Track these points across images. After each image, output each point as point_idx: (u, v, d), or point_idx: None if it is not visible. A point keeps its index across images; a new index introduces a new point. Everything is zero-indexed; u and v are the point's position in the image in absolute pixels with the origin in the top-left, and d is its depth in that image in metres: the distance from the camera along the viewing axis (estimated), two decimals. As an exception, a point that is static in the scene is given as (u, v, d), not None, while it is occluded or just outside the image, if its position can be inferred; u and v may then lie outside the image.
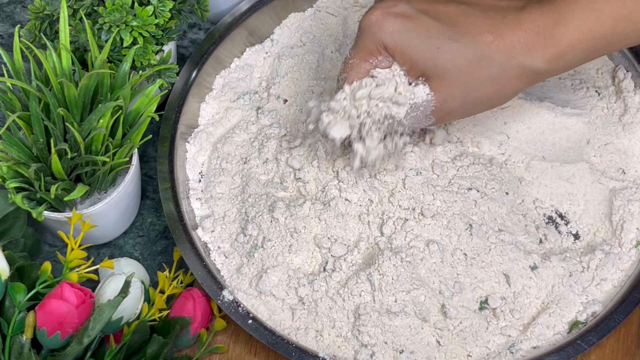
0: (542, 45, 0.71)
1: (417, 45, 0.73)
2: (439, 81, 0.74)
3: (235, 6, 0.94)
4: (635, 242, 0.81)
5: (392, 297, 0.76)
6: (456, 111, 0.76)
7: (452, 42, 0.72)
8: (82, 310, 0.70)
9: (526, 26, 0.71)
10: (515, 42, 0.71)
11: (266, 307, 0.79)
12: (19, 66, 0.78)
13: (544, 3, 0.72)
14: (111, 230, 0.86)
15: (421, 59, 0.74)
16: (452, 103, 0.75)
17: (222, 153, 0.87)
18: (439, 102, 0.75)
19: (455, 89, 0.74)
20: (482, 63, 0.72)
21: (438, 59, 0.73)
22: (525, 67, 0.72)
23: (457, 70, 0.73)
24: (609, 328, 0.76)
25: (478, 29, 0.72)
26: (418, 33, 0.73)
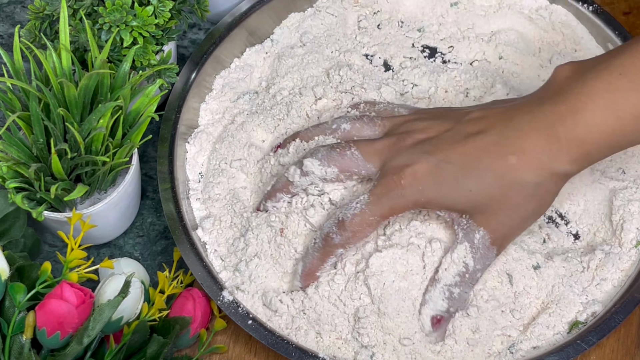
0: (566, 149, 0.71)
1: (449, 195, 0.74)
2: (483, 215, 0.74)
3: (235, 6, 0.94)
4: (635, 242, 0.81)
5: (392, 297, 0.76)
6: (510, 234, 0.76)
7: (480, 181, 0.73)
8: (82, 310, 0.70)
9: (546, 133, 0.71)
10: (540, 154, 0.72)
11: (267, 309, 0.79)
12: (19, 66, 0.78)
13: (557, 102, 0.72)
14: (111, 230, 0.86)
15: (458, 205, 0.74)
16: (504, 229, 0.75)
17: (221, 154, 0.87)
18: (490, 232, 0.75)
19: (500, 218, 0.74)
20: (515, 187, 0.72)
21: (475, 200, 0.73)
22: (557, 173, 0.72)
23: (496, 203, 0.73)
24: (609, 328, 0.76)
25: (500, 156, 0.72)
26: (448, 184, 0.73)
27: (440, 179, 0.73)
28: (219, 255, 0.82)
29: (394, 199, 0.74)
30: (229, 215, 0.83)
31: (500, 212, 0.74)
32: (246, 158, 0.86)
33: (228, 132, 0.88)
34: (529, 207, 0.74)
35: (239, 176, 0.86)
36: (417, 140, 0.76)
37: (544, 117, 0.72)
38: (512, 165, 0.72)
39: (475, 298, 0.78)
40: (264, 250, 0.80)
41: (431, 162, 0.74)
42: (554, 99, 0.73)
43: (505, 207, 0.74)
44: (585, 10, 0.93)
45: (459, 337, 0.76)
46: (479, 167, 0.73)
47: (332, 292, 0.77)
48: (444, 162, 0.74)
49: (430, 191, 0.74)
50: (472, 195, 0.73)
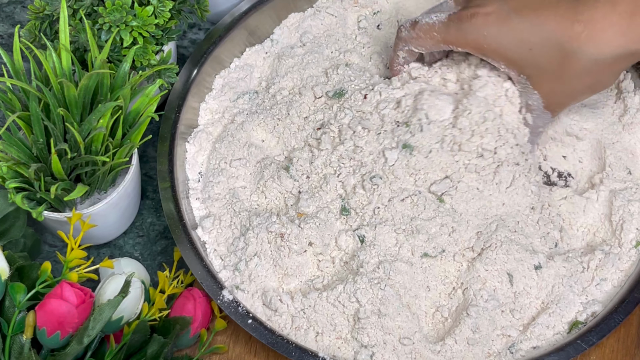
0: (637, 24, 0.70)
1: (510, 48, 0.75)
2: (538, 79, 0.75)
3: (235, 6, 0.94)
4: (635, 242, 0.81)
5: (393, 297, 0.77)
6: (563, 102, 0.77)
7: (542, 42, 0.73)
8: (82, 310, 0.70)
9: (620, 8, 0.70)
10: (607, 27, 0.70)
11: (267, 308, 0.79)
12: (19, 66, 0.78)
13: None
14: (111, 230, 0.86)
15: (518, 60, 0.75)
16: (557, 96, 0.76)
17: (220, 153, 0.87)
18: (544, 97, 0.76)
19: (554, 84, 0.75)
20: (573, 57, 0.72)
21: (533, 60, 0.74)
22: (620, 52, 0.71)
23: (552, 68, 0.74)
24: (609, 328, 0.76)
25: (568, 21, 0.72)
26: (511, 36, 0.74)
27: (506, 29, 0.74)
28: (219, 254, 0.82)
29: (461, 30, 0.76)
30: (228, 214, 0.83)
31: (555, 79, 0.74)
32: (246, 157, 0.86)
33: (228, 132, 0.88)
34: (585, 81, 0.74)
35: (238, 175, 0.86)
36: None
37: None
38: (576, 33, 0.71)
39: (475, 298, 0.78)
40: (263, 249, 0.80)
41: (504, 10, 0.74)
42: None
43: (561, 76, 0.74)
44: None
45: (459, 337, 0.76)
46: (545, 27, 0.73)
47: (330, 294, 0.77)
48: (515, 13, 0.74)
49: (494, 39, 0.75)
50: (531, 54, 0.74)
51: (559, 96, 0.77)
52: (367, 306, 0.76)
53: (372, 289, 0.77)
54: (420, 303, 0.78)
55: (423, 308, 0.79)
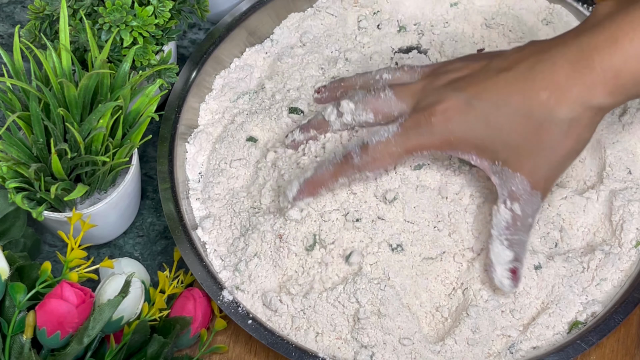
0: (602, 81, 0.68)
1: (480, 134, 0.72)
2: (517, 159, 0.72)
3: (235, 6, 0.94)
4: (635, 242, 0.81)
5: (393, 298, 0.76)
6: (550, 176, 0.73)
7: (511, 118, 0.70)
8: (82, 310, 0.70)
9: (580, 65, 0.68)
10: (573, 87, 0.68)
11: (267, 308, 0.79)
12: (19, 66, 0.78)
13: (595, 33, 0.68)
14: (111, 230, 0.86)
15: (489, 145, 0.72)
16: (542, 172, 0.72)
17: (220, 154, 0.87)
18: (528, 176, 0.72)
19: (537, 160, 0.71)
20: (548, 125, 0.69)
21: (506, 141, 0.71)
22: (592, 107, 0.69)
23: (529, 143, 0.70)
24: (609, 328, 0.76)
25: (531, 91, 0.69)
26: (478, 122, 0.71)
27: (470, 117, 0.71)
28: (219, 255, 0.82)
29: (422, 135, 0.73)
30: (228, 215, 0.83)
31: (535, 153, 0.71)
32: (246, 158, 0.86)
33: (228, 132, 0.88)
34: (566, 145, 0.70)
35: (238, 176, 0.86)
36: (450, 80, 0.74)
37: (580, 49, 0.68)
38: (543, 101, 0.69)
39: (475, 298, 0.78)
40: (263, 250, 0.80)
41: (461, 99, 0.71)
42: (592, 31, 0.68)
43: (540, 148, 0.70)
44: (585, 10, 0.93)
45: (458, 337, 0.76)
46: (510, 104, 0.70)
47: (330, 294, 0.77)
48: (475, 99, 0.71)
49: (460, 130, 0.72)
50: (503, 134, 0.71)
51: (544, 170, 0.72)
52: (367, 306, 0.76)
53: (372, 289, 0.77)
54: (420, 303, 0.78)
55: (423, 308, 0.79)
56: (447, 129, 0.72)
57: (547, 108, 0.69)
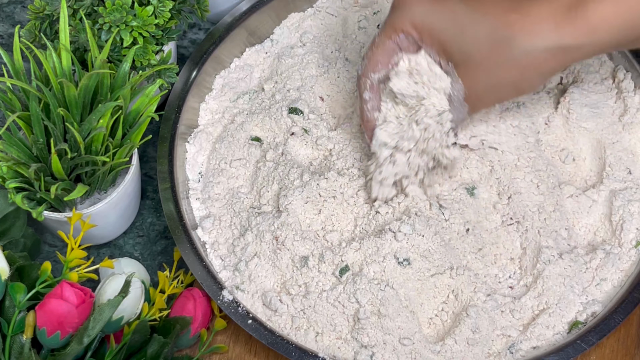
0: (572, 19, 0.68)
1: (443, 28, 0.73)
2: (465, 66, 0.73)
3: (235, 6, 0.94)
4: (635, 242, 0.81)
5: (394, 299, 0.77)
6: (483, 97, 0.75)
7: (475, 25, 0.71)
8: (82, 309, 0.70)
9: (556, 3, 0.69)
10: (543, 19, 0.69)
11: (267, 308, 0.79)
12: (19, 66, 0.78)
13: None
14: (111, 230, 0.86)
15: (447, 42, 0.73)
16: (478, 87, 0.74)
17: (220, 153, 0.87)
18: (466, 87, 0.74)
19: (479, 73, 0.73)
20: (503, 45, 0.70)
21: (462, 43, 0.72)
22: (552, 46, 0.69)
23: (480, 54, 0.72)
24: (609, 328, 0.76)
25: (503, 8, 0.70)
26: (445, 15, 0.72)
27: (441, 7, 0.73)
28: (219, 255, 0.82)
29: (395, 16, 0.74)
30: (228, 215, 0.83)
31: (481, 67, 0.72)
32: (246, 158, 0.86)
33: (228, 132, 0.88)
34: (510, 73, 0.72)
35: (238, 176, 0.86)
36: None
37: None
38: (510, 21, 0.70)
39: (473, 299, 0.78)
40: (263, 250, 0.80)
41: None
42: None
43: (486, 64, 0.72)
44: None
45: (458, 337, 0.76)
46: (479, 11, 0.71)
47: (330, 294, 0.77)
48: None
49: (427, 18, 0.73)
50: (462, 37, 0.72)
51: (481, 88, 0.74)
52: (367, 307, 0.76)
53: (372, 289, 0.76)
54: (420, 303, 0.78)
55: (423, 308, 0.78)
56: (418, 11, 0.73)
57: (511, 29, 0.70)
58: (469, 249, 0.80)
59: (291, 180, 0.82)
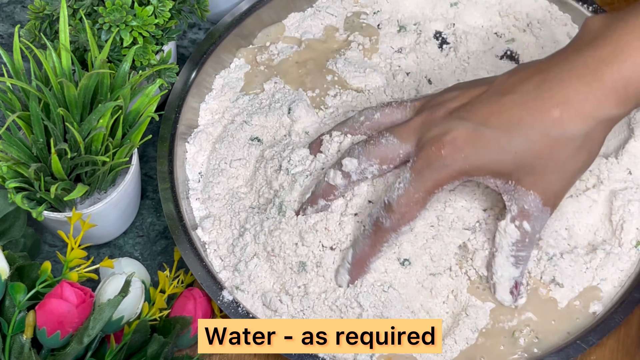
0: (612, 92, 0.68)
1: (494, 159, 0.71)
2: (531, 177, 0.71)
3: (235, 6, 0.94)
4: (635, 242, 0.81)
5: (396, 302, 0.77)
6: (561, 190, 0.73)
7: (526, 140, 0.69)
8: (82, 309, 0.70)
9: (589, 79, 0.68)
10: (584, 102, 0.68)
11: (266, 308, 0.79)
12: (19, 66, 0.78)
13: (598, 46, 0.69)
14: (111, 230, 0.86)
15: (504, 168, 0.71)
16: (554, 187, 0.72)
17: (220, 154, 0.87)
18: (541, 194, 0.72)
19: (550, 176, 0.71)
20: (563, 142, 0.69)
21: (521, 161, 0.70)
22: (604, 120, 0.69)
23: (543, 161, 0.70)
24: (609, 328, 0.76)
25: (542, 110, 0.69)
26: (491, 148, 0.70)
27: (481, 144, 0.70)
28: (219, 255, 0.82)
29: (436, 171, 0.71)
30: (228, 215, 0.83)
31: (549, 170, 0.70)
32: (246, 158, 0.86)
33: (228, 132, 0.88)
34: (579, 159, 0.71)
35: (238, 176, 0.86)
36: (450, 110, 0.73)
37: (585, 64, 0.69)
38: (556, 118, 0.69)
39: (473, 299, 0.78)
40: (261, 251, 0.80)
41: (469, 127, 0.70)
42: (594, 44, 0.69)
43: (554, 164, 0.70)
44: (585, 10, 0.93)
45: (458, 337, 0.76)
46: (521, 125, 0.69)
47: (329, 295, 0.77)
48: (482, 126, 0.70)
49: (473, 157, 0.71)
50: (517, 156, 0.70)
51: (556, 186, 0.72)
52: (369, 310, 0.76)
53: (375, 291, 0.76)
54: (423, 305, 0.78)
55: (425, 309, 0.78)
56: (460, 158, 0.71)
57: (560, 125, 0.69)
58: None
59: (291, 180, 0.82)
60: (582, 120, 0.69)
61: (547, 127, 0.69)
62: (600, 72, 0.68)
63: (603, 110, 0.69)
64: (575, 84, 0.69)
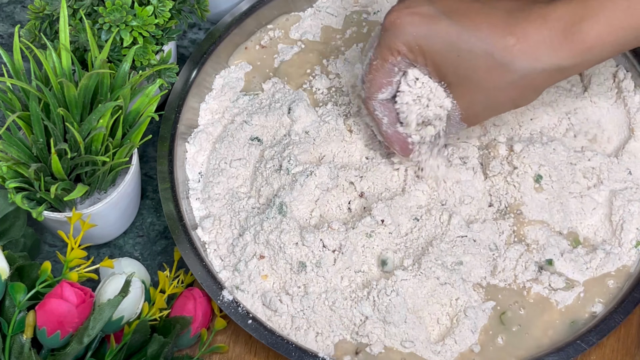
0: (569, 41, 0.69)
1: (438, 51, 0.72)
2: (460, 88, 0.73)
3: (235, 6, 0.94)
4: (635, 242, 0.81)
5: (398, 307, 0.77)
6: (481, 114, 0.75)
7: (471, 49, 0.71)
8: (82, 309, 0.70)
9: (551, 23, 0.69)
10: (540, 41, 0.69)
11: (266, 308, 0.79)
12: (19, 66, 0.78)
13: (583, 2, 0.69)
14: (111, 230, 0.86)
15: (442, 65, 0.73)
16: (476, 108, 0.74)
17: (220, 153, 0.87)
18: (463, 108, 0.74)
19: (476, 95, 0.73)
20: (502, 69, 0.70)
21: (458, 67, 0.72)
22: (550, 68, 0.70)
23: (477, 77, 0.72)
24: (609, 328, 0.76)
25: (500, 31, 0.70)
26: (440, 37, 0.72)
27: (434, 29, 0.72)
28: (219, 254, 0.82)
29: (389, 37, 0.74)
30: (228, 215, 0.83)
31: (478, 90, 0.72)
32: (246, 157, 0.86)
33: (228, 132, 0.88)
34: (509, 94, 0.72)
35: (238, 176, 0.86)
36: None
37: (555, 9, 0.69)
38: (508, 45, 0.70)
39: (471, 301, 0.78)
40: (261, 250, 0.80)
41: (431, 10, 0.72)
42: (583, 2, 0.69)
43: (484, 86, 0.72)
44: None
45: (458, 337, 0.76)
46: (475, 34, 0.71)
47: (330, 296, 0.77)
48: (444, 15, 0.72)
49: (422, 38, 0.72)
50: (457, 60, 0.72)
51: (478, 108, 0.74)
52: (373, 315, 0.76)
53: (379, 295, 0.76)
54: (427, 308, 0.78)
55: (428, 312, 0.78)
56: (411, 32, 0.73)
57: (508, 53, 0.70)
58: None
59: (291, 180, 0.82)
60: (531, 59, 0.70)
61: (496, 49, 0.70)
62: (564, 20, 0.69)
63: (554, 57, 0.69)
64: (540, 24, 0.70)
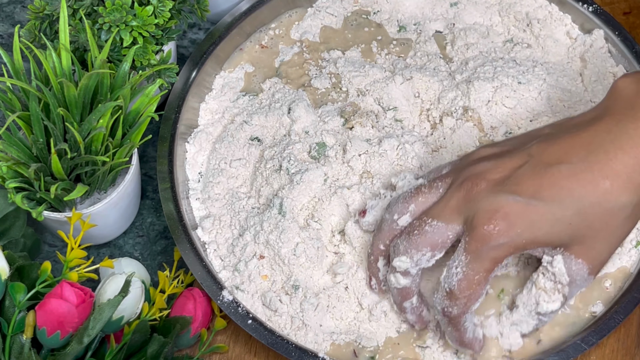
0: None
1: (549, 232, 0.70)
2: (581, 246, 0.71)
3: (235, 6, 0.94)
4: (635, 242, 0.81)
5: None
6: (607, 259, 0.73)
7: (579, 212, 0.69)
8: (82, 309, 0.70)
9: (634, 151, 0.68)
10: (632, 173, 0.69)
11: (266, 308, 0.79)
12: (19, 66, 0.78)
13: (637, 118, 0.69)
14: (111, 230, 0.86)
15: (556, 239, 0.70)
16: (602, 256, 0.72)
17: (220, 153, 0.87)
18: (589, 262, 0.71)
19: (598, 246, 0.71)
20: (614, 212, 0.69)
21: (574, 232, 0.70)
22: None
23: (595, 231, 0.70)
24: (609, 328, 0.76)
25: (592, 182, 0.69)
26: (545, 221, 0.69)
27: (536, 218, 0.69)
28: (219, 255, 0.82)
29: (493, 250, 0.69)
30: (228, 215, 0.83)
31: (599, 239, 0.71)
32: (246, 158, 0.86)
33: (228, 132, 0.88)
34: (627, 227, 0.71)
35: (238, 176, 0.86)
36: (493, 182, 0.70)
37: (628, 136, 0.69)
38: (607, 189, 0.69)
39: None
40: (261, 250, 0.80)
41: (521, 202, 0.69)
42: (633, 115, 0.70)
43: (604, 234, 0.70)
44: (585, 10, 0.93)
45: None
46: (574, 197, 0.69)
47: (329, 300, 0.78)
48: (534, 199, 0.69)
49: (528, 232, 0.69)
50: (572, 227, 0.70)
51: (604, 255, 0.72)
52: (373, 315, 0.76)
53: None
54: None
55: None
56: (516, 234, 0.69)
57: (612, 196, 0.69)
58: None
59: (291, 180, 0.82)
60: (632, 190, 0.69)
61: (599, 198, 0.69)
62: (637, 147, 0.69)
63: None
64: (621, 156, 0.69)
